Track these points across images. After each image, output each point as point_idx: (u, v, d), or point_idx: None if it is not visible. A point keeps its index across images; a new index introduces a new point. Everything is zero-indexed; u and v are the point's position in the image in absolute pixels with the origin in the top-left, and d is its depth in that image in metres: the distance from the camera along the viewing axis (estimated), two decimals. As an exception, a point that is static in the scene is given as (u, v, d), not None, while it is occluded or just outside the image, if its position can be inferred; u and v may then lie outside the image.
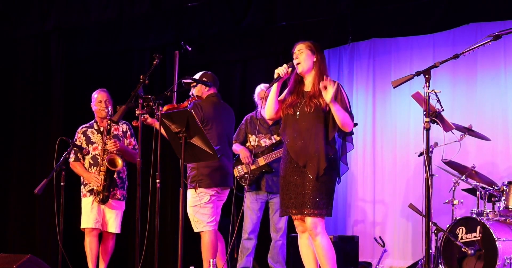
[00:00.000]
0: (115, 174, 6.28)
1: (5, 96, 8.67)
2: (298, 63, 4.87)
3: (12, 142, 8.62)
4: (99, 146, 6.34)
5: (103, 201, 6.24)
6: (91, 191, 6.30)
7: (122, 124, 6.49)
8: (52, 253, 7.71)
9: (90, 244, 6.28)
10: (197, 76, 5.87)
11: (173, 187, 8.03)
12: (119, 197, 6.36)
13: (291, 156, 4.83)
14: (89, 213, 6.29)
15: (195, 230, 5.71)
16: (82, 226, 6.33)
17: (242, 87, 8.17)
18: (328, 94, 4.68)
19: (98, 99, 6.44)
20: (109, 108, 6.33)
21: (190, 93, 5.90)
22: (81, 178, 6.40)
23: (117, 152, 6.25)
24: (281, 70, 4.84)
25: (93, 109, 6.51)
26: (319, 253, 4.77)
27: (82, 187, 6.39)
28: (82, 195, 6.38)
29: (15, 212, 8.50)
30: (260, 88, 6.78)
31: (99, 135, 6.41)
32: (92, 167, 6.35)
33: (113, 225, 6.35)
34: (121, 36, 8.43)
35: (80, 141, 6.41)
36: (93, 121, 6.53)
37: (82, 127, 6.53)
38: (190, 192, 5.69)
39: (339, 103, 4.77)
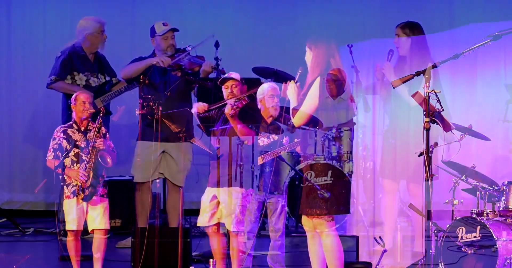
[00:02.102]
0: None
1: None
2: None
3: (12, 142, 8.62)
4: (82, 144, 6.30)
5: (87, 198, 6.18)
6: (74, 193, 6.26)
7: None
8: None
9: (74, 246, 6.26)
10: (237, 76, 5.90)
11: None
12: (102, 193, 6.34)
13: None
14: (74, 214, 6.24)
15: (234, 229, 5.72)
16: (67, 228, 6.30)
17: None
18: None
19: (82, 100, 6.36)
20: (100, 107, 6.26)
21: (229, 91, 5.87)
22: (65, 178, 6.33)
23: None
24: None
25: (73, 110, 6.42)
26: (325, 252, 4.80)
27: (65, 187, 6.32)
28: (65, 196, 6.29)
29: (15, 212, 8.50)
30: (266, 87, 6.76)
31: (81, 134, 6.34)
32: (74, 165, 6.30)
33: (102, 221, 6.28)
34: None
35: (59, 140, 6.34)
36: (71, 122, 6.46)
37: (62, 127, 6.43)
38: (240, 191, 5.74)
39: (307, 99, 4.78)
